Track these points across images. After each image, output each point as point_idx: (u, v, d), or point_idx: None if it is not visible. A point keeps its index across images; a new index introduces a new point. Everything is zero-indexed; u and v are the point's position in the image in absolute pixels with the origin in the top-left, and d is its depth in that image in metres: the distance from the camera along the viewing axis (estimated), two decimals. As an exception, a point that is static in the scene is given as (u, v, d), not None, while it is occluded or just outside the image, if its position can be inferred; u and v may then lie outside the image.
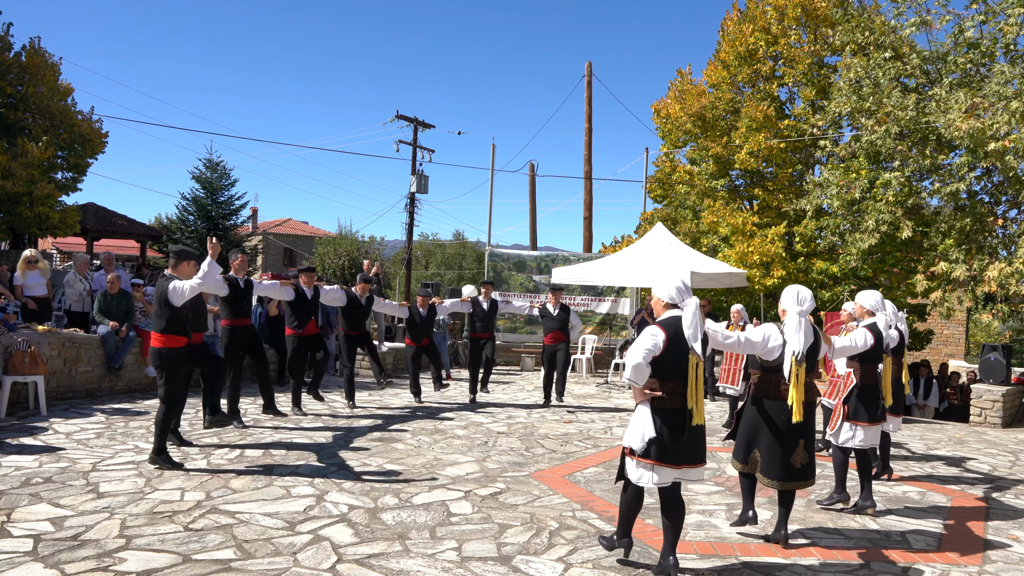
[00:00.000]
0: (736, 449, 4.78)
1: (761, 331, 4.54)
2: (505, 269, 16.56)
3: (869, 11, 12.69)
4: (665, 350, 3.86)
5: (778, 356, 4.49)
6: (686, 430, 3.89)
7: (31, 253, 9.45)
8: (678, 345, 3.89)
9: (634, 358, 3.82)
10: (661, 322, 3.99)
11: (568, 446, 7.50)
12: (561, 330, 10.07)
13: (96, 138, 16.67)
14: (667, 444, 3.88)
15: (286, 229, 43.85)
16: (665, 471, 3.92)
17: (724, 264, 13.27)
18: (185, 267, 6.12)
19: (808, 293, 4.62)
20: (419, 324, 9.82)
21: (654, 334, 3.89)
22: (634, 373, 3.84)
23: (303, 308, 8.53)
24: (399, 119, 20.72)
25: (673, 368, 3.90)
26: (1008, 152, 10.06)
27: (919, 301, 14.00)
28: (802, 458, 4.53)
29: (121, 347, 9.16)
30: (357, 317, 9.18)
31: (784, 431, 4.50)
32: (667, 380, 3.91)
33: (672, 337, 3.89)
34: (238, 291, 7.61)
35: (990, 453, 8.43)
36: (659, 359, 3.86)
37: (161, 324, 5.90)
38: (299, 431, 7.60)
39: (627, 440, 4.01)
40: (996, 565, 4.58)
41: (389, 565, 4.06)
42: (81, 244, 23.60)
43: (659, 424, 3.89)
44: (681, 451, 3.91)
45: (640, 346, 3.84)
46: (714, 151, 14.89)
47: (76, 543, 4.17)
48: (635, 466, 3.98)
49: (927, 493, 6.31)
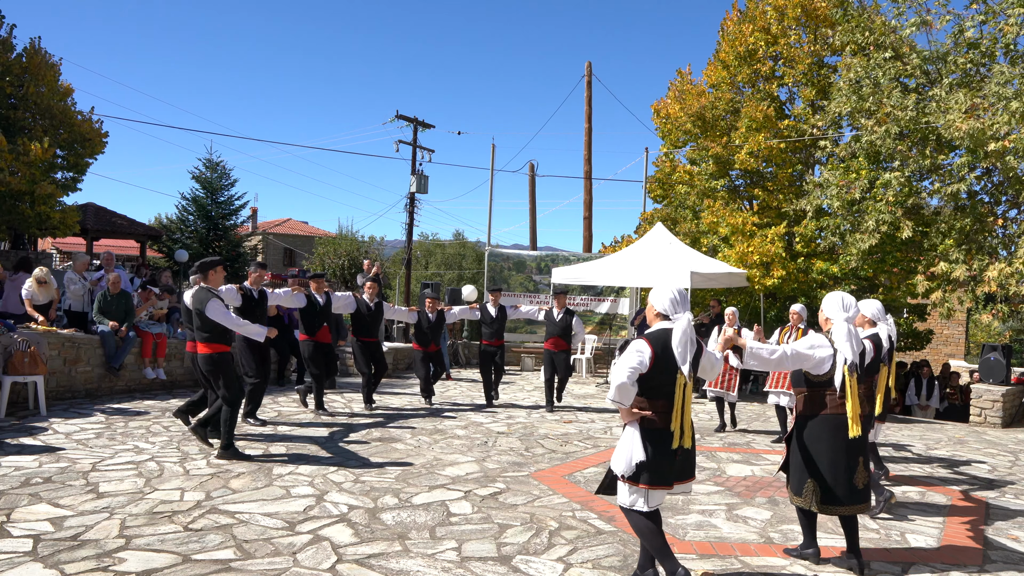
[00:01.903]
0: (792, 479, 4.31)
1: (808, 342, 4.14)
2: (505, 269, 16.56)
3: (869, 11, 12.69)
4: (652, 367, 3.60)
5: (828, 368, 4.12)
6: (678, 452, 3.66)
7: (42, 273, 9.30)
8: (666, 361, 3.64)
9: (618, 377, 3.54)
10: (649, 335, 3.73)
11: (568, 446, 7.50)
12: (562, 336, 9.79)
13: (96, 138, 16.67)
14: (658, 467, 3.63)
15: (286, 229, 43.87)
16: (658, 494, 3.69)
17: (724, 264, 13.27)
18: (213, 275, 6.43)
19: (852, 299, 4.29)
20: (427, 329, 9.61)
21: (640, 350, 3.62)
22: (618, 393, 3.54)
23: (315, 315, 8.49)
24: (399, 119, 20.72)
25: (662, 386, 3.65)
26: (1008, 152, 10.06)
27: (919, 301, 14.00)
28: (864, 478, 4.18)
29: (121, 347, 9.16)
30: (366, 323, 9.04)
31: (845, 449, 4.11)
32: (655, 399, 3.65)
33: (659, 353, 3.63)
34: (252, 302, 7.68)
35: (990, 453, 8.43)
36: (646, 376, 3.60)
37: (204, 335, 6.23)
38: (299, 431, 7.60)
39: (614, 465, 3.73)
40: (996, 565, 4.58)
41: (389, 565, 4.06)
42: (81, 244, 23.62)
43: (648, 447, 3.62)
44: (672, 470, 3.69)
45: (625, 364, 3.56)
46: (714, 151, 14.88)
47: (76, 543, 4.17)
48: (627, 491, 3.72)
49: (927, 493, 6.31)
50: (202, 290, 6.23)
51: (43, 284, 9.11)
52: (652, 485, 3.64)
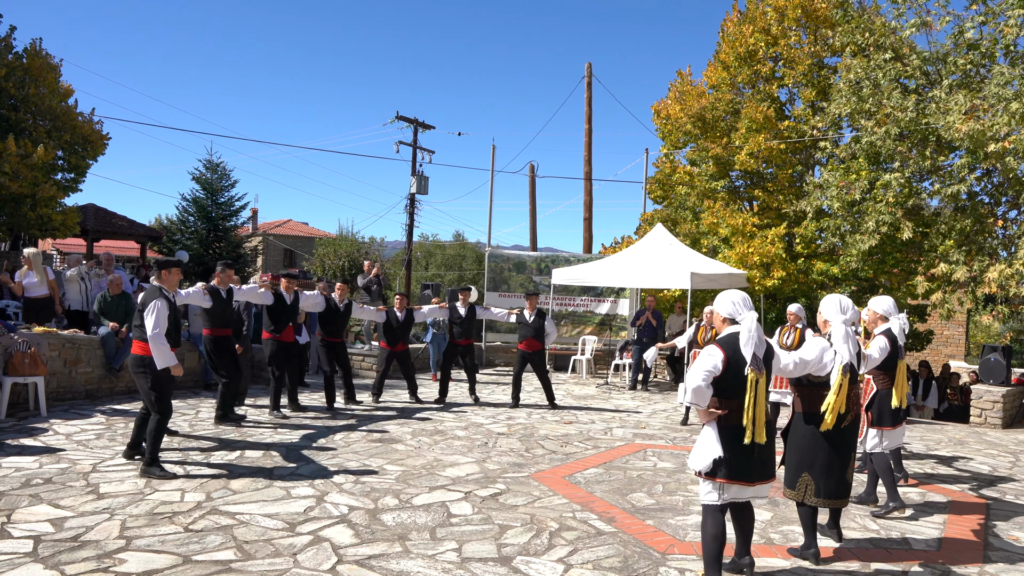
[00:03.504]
0: (787, 474, 4.53)
1: (816, 349, 4.30)
2: (505, 270, 16.56)
3: (869, 12, 12.70)
4: (725, 369, 3.80)
5: (830, 370, 4.33)
6: (754, 449, 3.81)
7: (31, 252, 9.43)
8: (738, 363, 3.82)
9: (694, 381, 3.77)
10: (720, 340, 3.93)
11: (568, 447, 7.50)
12: (536, 337, 9.95)
13: (97, 139, 16.66)
14: (735, 462, 3.81)
15: (286, 230, 43.88)
16: (735, 488, 3.87)
17: (724, 265, 13.27)
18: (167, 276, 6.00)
19: (850, 302, 4.50)
20: (396, 328, 9.65)
21: (712, 354, 3.84)
22: (694, 396, 3.78)
23: (281, 313, 8.42)
24: (399, 120, 20.73)
25: (736, 386, 3.82)
26: (1008, 153, 10.06)
27: (919, 302, 14.00)
28: (851, 472, 4.48)
29: (121, 348, 9.16)
30: (334, 323, 9.10)
31: (841, 445, 4.36)
32: (731, 398, 3.83)
33: (731, 356, 3.83)
34: (221, 301, 7.72)
35: (990, 453, 8.43)
36: (720, 378, 3.81)
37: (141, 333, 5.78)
38: (299, 432, 7.60)
39: (692, 462, 3.93)
40: (996, 565, 4.58)
41: (389, 566, 4.06)
42: (81, 245, 23.59)
43: (725, 443, 3.81)
44: (754, 468, 3.85)
45: (699, 368, 3.79)
46: (714, 152, 14.89)
47: (76, 544, 4.17)
48: (706, 486, 3.92)
49: (927, 493, 6.31)
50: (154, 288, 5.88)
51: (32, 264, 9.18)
52: (730, 479, 3.83)
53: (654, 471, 6.61)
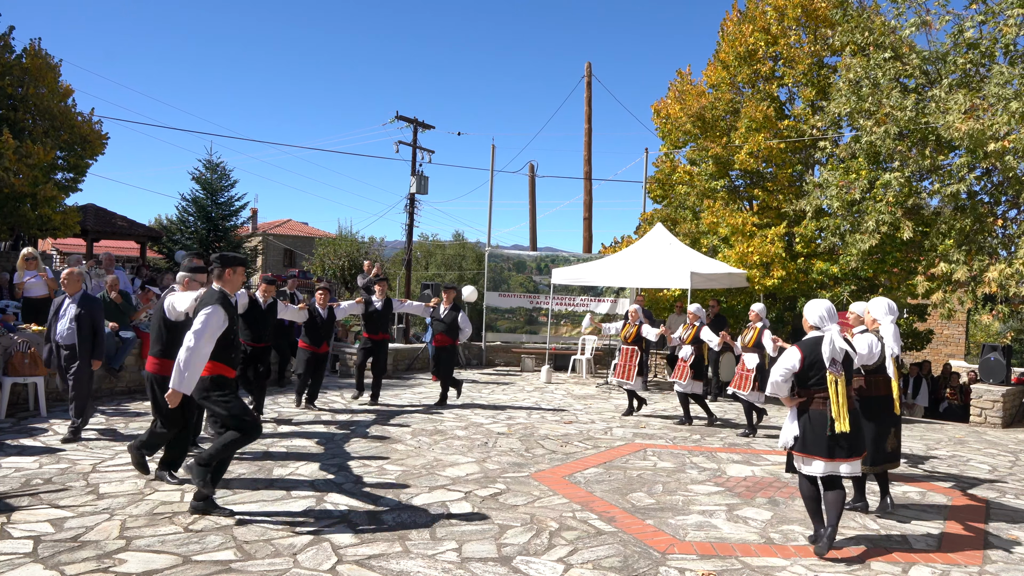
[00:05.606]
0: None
1: (865, 344, 5.28)
2: (505, 270, 16.57)
3: (869, 11, 12.69)
4: (802, 367, 4.56)
5: (878, 359, 5.35)
6: (829, 429, 4.47)
7: (29, 251, 9.44)
8: (814, 363, 4.55)
9: (774, 376, 4.60)
10: (801, 343, 4.68)
11: (568, 447, 7.50)
12: (447, 333, 9.72)
13: (96, 139, 16.67)
14: (813, 440, 4.52)
15: (286, 230, 43.86)
16: (817, 463, 4.54)
17: (724, 264, 13.27)
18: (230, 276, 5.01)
19: (832, 307, 4.95)
20: (320, 326, 8.96)
21: (791, 355, 4.61)
22: (773, 388, 4.62)
23: (254, 319, 7.96)
24: (399, 120, 20.68)
25: (813, 380, 4.56)
26: (1008, 152, 10.06)
27: (919, 302, 13.99)
28: (892, 443, 5.54)
29: (121, 348, 9.16)
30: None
31: (889, 420, 5.47)
32: (810, 388, 4.58)
33: (807, 356, 4.57)
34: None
35: (990, 453, 8.43)
36: (799, 374, 4.58)
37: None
38: (299, 432, 7.60)
39: (780, 440, 4.76)
40: (996, 565, 4.58)
41: (389, 566, 4.06)
42: (81, 245, 23.59)
43: (802, 424, 4.59)
44: (832, 446, 4.48)
45: (780, 366, 4.60)
46: (714, 151, 14.88)
47: (76, 544, 4.17)
48: (797, 459, 4.69)
49: (927, 493, 6.31)
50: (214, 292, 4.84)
51: (30, 261, 9.17)
52: (808, 454, 4.56)
53: (654, 471, 6.61)
